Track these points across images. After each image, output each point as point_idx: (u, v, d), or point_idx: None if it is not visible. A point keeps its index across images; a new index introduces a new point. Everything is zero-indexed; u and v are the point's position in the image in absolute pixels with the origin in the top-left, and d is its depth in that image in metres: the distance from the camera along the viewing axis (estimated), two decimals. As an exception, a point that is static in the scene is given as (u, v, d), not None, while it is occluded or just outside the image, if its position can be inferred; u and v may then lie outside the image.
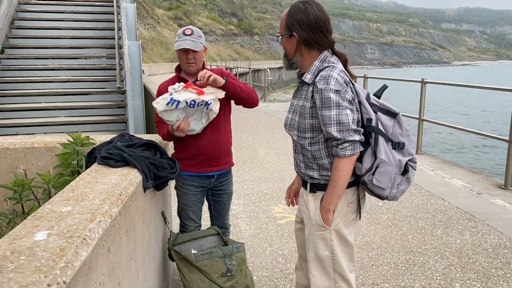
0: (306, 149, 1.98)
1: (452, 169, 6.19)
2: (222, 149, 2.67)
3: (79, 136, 2.35)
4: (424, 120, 7.12)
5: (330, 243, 1.97)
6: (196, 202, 2.72)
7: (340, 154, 1.83)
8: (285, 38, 1.97)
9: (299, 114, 1.96)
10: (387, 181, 1.87)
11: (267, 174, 5.84)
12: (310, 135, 1.94)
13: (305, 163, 2.02)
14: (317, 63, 1.93)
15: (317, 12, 1.89)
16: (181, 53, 2.53)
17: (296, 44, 1.93)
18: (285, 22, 1.94)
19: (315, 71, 1.91)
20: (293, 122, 2.01)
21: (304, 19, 1.88)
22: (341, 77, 1.84)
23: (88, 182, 1.81)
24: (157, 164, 2.15)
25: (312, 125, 1.92)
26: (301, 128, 1.96)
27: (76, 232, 1.28)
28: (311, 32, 1.88)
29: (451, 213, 4.40)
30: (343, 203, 1.95)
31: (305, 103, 1.93)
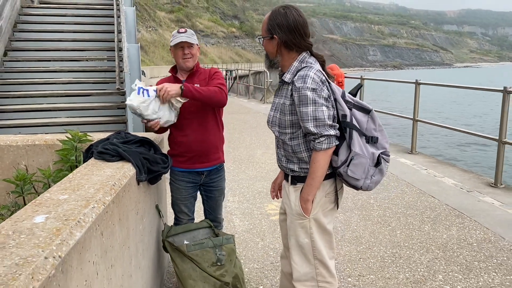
0: (286, 144, 2.13)
1: (445, 168, 6.31)
2: (210, 146, 2.79)
3: (77, 133, 2.50)
4: (418, 120, 7.25)
5: (310, 231, 2.11)
6: (188, 196, 2.85)
7: (317, 147, 1.97)
8: (266, 40, 2.13)
9: (280, 111, 2.11)
10: (361, 172, 2.01)
11: (263, 173, 5.98)
12: (290, 131, 2.09)
13: (286, 157, 2.17)
14: (296, 64, 2.08)
15: (296, 16, 2.04)
16: (177, 50, 2.68)
17: (277, 46, 2.08)
18: (266, 25, 2.10)
19: (294, 71, 2.07)
20: (274, 119, 2.17)
21: (284, 23, 2.03)
22: (317, 76, 1.99)
23: (84, 174, 1.95)
24: (150, 159, 2.29)
25: (291, 121, 2.07)
26: (281, 124, 2.11)
27: (71, 216, 1.42)
28: (290, 35, 2.04)
29: (440, 210, 4.53)
30: (321, 194, 2.09)
31: (285, 101, 2.08)
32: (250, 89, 19.46)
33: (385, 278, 3.13)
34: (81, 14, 8.42)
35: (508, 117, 5.35)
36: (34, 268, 1.08)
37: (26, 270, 1.06)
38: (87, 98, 6.30)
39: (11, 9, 7.36)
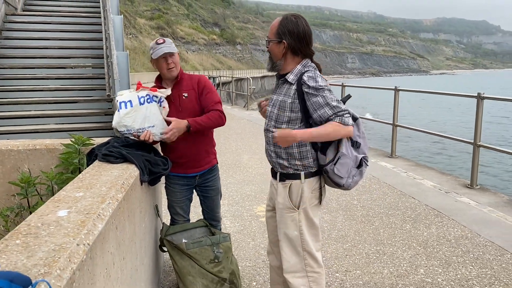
0: None
1: (424, 171, 6.58)
2: (200, 151, 2.88)
3: (81, 137, 2.61)
4: (398, 125, 7.53)
5: (299, 224, 2.29)
6: (183, 199, 2.97)
7: (345, 121, 2.15)
8: (273, 44, 2.31)
9: (279, 107, 2.30)
10: (345, 171, 2.21)
11: (250, 177, 6.13)
12: (285, 126, 2.27)
13: (276, 153, 2.35)
14: (299, 67, 2.29)
15: (305, 26, 2.27)
16: (161, 61, 2.73)
17: (283, 50, 2.27)
18: (276, 30, 2.28)
19: (297, 73, 2.27)
20: (272, 114, 2.35)
21: (295, 30, 2.24)
22: (321, 78, 2.23)
23: (93, 175, 2.08)
24: (152, 161, 2.43)
25: (289, 117, 2.26)
26: (279, 119, 2.30)
27: (91, 210, 1.55)
28: (299, 42, 2.25)
29: (420, 210, 4.76)
30: (308, 190, 2.28)
31: (285, 98, 2.27)
32: (233, 95, 19.63)
33: (371, 273, 3.32)
34: (66, 22, 8.46)
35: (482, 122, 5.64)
36: (70, 253, 1.21)
37: (63, 254, 1.19)
38: (75, 105, 6.36)
39: (-4, 16, 7.37)
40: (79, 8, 10.04)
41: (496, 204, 4.93)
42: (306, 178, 2.29)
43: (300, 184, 2.29)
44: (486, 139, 8.36)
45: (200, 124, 2.71)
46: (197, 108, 2.81)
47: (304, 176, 2.29)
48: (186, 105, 2.78)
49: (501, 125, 23.98)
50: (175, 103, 2.78)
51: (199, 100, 2.81)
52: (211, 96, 2.83)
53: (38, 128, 5.74)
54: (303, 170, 2.29)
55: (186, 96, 2.79)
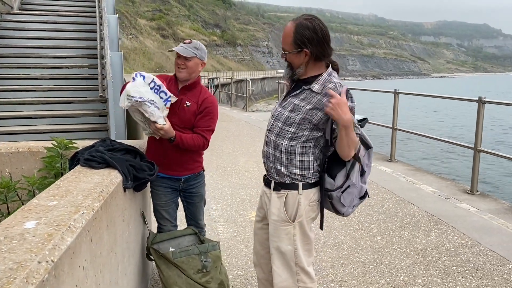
0: (282, 143, 2.14)
1: (423, 176, 6.46)
2: (184, 155, 2.76)
3: (63, 140, 2.50)
4: (397, 129, 7.41)
5: (293, 237, 2.16)
6: (168, 202, 2.86)
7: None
8: (293, 54, 2.12)
9: (291, 110, 2.13)
10: (349, 201, 2.12)
11: (246, 181, 6.02)
12: (294, 130, 2.12)
13: (276, 156, 2.18)
14: (325, 76, 2.12)
15: (323, 27, 2.09)
16: (176, 58, 2.70)
17: (306, 58, 2.10)
18: (292, 39, 2.08)
19: (323, 83, 2.10)
20: (280, 115, 2.18)
21: (314, 37, 2.05)
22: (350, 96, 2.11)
23: (72, 181, 1.96)
24: (137, 166, 2.32)
25: (301, 120, 2.09)
26: (287, 121, 2.13)
27: (62, 221, 1.44)
28: (321, 47, 2.08)
29: (419, 216, 4.64)
30: (305, 202, 2.14)
31: (303, 104, 2.10)
32: (232, 97, 19.52)
33: (367, 283, 3.20)
34: (62, 21, 8.37)
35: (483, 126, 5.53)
36: (28, 272, 1.10)
37: (20, 274, 1.08)
38: (69, 105, 6.25)
39: (-9, 15, 7.27)
40: (77, 7, 9.95)
41: (497, 211, 4.81)
42: (304, 189, 2.15)
43: (297, 195, 2.15)
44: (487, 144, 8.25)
45: (183, 143, 2.64)
46: (191, 121, 2.71)
47: (302, 187, 2.15)
48: (184, 113, 2.70)
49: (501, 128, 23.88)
50: (175, 105, 2.68)
51: (196, 115, 2.72)
52: (207, 120, 2.75)
53: (30, 129, 5.63)
54: (301, 180, 2.15)
55: (188, 106, 2.71)
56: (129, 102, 2.46)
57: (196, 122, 2.71)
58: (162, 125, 2.52)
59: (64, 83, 6.74)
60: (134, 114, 2.57)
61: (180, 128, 2.66)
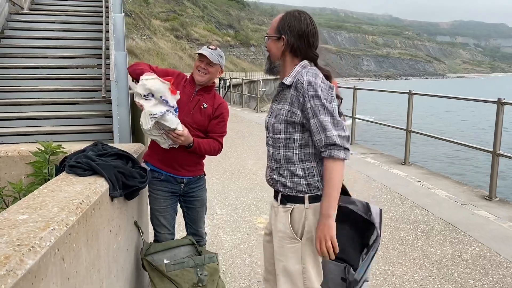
0: (279, 153, 1.99)
1: (439, 180, 6.20)
2: (189, 159, 2.67)
3: (50, 145, 2.35)
4: (412, 131, 7.15)
5: (302, 256, 1.96)
6: (167, 207, 2.72)
7: (335, 154, 1.83)
8: (272, 40, 2.02)
9: (275, 115, 1.99)
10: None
11: (253, 184, 5.83)
12: (284, 136, 1.96)
13: (278, 171, 2.02)
14: (298, 68, 1.97)
15: (309, 24, 1.96)
16: (198, 60, 2.62)
17: (282, 48, 1.98)
18: (276, 25, 2.00)
19: (295, 75, 1.94)
20: (269, 124, 2.04)
21: (296, 26, 1.94)
22: (325, 85, 1.91)
23: (52, 190, 1.81)
24: (126, 173, 2.15)
25: (285, 126, 1.95)
26: (275, 129, 1.99)
27: (25, 240, 1.27)
28: (299, 40, 1.94)
29: (434, 224, 4.41)
30: (314, 216, 1.94)
31: (283, 105, 1.96)
32: (244, 98, 19.35)
33: (377, 298, 2.99)
34: (70, 21, 8.28)
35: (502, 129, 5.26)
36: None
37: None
38: (73, 106, 6.13)
39: (-2, 15, 7.21)
40: (87, 7, 9.87)
41: (518, 219, 4.55)
42: (311, 202, 1.94)
43: (304, 209, 1.95)
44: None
45: (200, 149, 2.60)
46: (205, 124, 2.66)
47: (308, 199, 1.95)
48: (199, 114, 2.63)
49: None
50: (191, 104, 2.62)
51: (210, 119, 2.67)
52: (223, 126, 2.73)
53: (33, 131, 5.52)
54: (307, 191, 1.95)
55: (205, 107, 2.66)
56: (153, 120, 2.36)
57: (212, 127, 2.67)
58: (182, 131, 2.44)
59: (70, 83, 6.63)
60: (152, 132, 2.45)
61: (192, 129, 2.58)
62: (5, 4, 7.68)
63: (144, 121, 2.39)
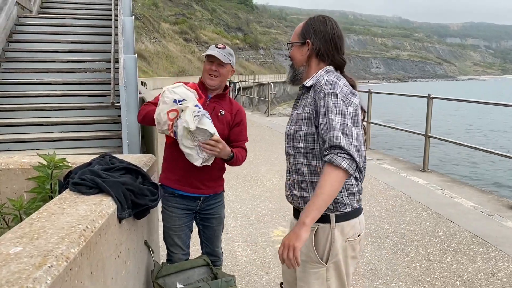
0: (301, 163, 1.78)
1: (461, 188, 5.92)
2: (211, 173, 2.46)
3: (53, 159, 2.14)
4: (431, 136, 6.88)
5: (327, 282, 1.73)
6: (182, 226, 2.50)
7: (336, 160, 1.58)
8: (296, 46, 1.87)
9: (296, 121, 1.81)
10: None
11: (267, 193, 5.60)
12: (304, 145, 1.76)
13: (300, 184, 1.80)
14: (321, 72, 1.80)
15: (335, 28, 1.83)
16: (207, 63, 2.41)
17: (308, 53, 1.82)
18: (300, 30, 1.86)
19: (318, 78, 1.78)
20: (289, 132, 1.85)
21: (322, 29, 1.82)
22: (347, 88, 1.72)
23: (52, 213, 1.59)
24: (136, 191, 1.94)
25: (306, 132, 1.75)
26: (296, 136, 1.79)
27: (16, 283, 1.06)
28: (326, 44, 1.80)
29: (461, 237, 4.14)
30: (341, 238, 1.72)
31: (304, 109, 1.78)
32: (254, 101, 19.15)
33: (408, 323, 2.75)
34: (79, 24, 8.14)
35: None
36: None
37: None
38: (82, 112, 5.97)
39: (6, 18, 7.08)
40: (96, 10, 9.74)
41: (551, 232, 4.27)
42: (338, 222, 1.72)
43: (329, 229, 1.73)
44: None
45: (237, 160, 2.40)
46: (225, 132, 2.44)
47: (335, 218, 1.72)
48: (217, 123, 2.39)
49: None
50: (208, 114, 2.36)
51: (231, 127, 2.47)
52: (245, 132, 2.56)
53: (40, 137, 5.37)
54: (334, 209, 1.72)
55: (223, 114, 2.44)
56: (197, 120, 2.14)
57: (235, 136, 2.49)
58: (219, 138, 2.21)
59: (78, 88, 6.48)
60: (182, 142, 2.20)
61: None
62: (13, 7, 7.56)
63: (188, 121, 2.13)
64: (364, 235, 1.85)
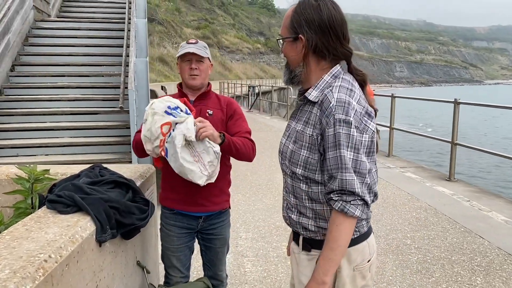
0: (300, 188, 1.51)
1: (490, 200, 5.53)
2: (213, 189, 2.20)
3: (34, 171, 1.93)
4: (458, 144, 6.49)
5: None
6: (181, 246, 2.27)
7: (349, 210, 1.34)
8: (288, 43, 1.51)
9: (294, 140, 1.50)
10: None
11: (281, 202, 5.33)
12: (302, 171, 1.47)
13: (298, 209, 1.54)
14: (328, 78, 1.46)
15: (332, 11, 1.43)
16: (183, 64, 2.19)
17: (303, 50, 1.46)
18: (289, 21, 1.49)
19: (323, 88, 1.45)
20: (285, 149, 1.54)
21: (316, 18, 1.42)
22: (361, 107, 1.41)
23: (16, 237, 1.38)
24: (121, 208, 1.71)
25: (307, 159, 1.45)
26: (293, 158, 1.49)
27: None
28: (323, 36, 1.43)
29: (492, 255, 3.79)
30: (348, 267, 1.46)
31: (304, 128, 1.46)
32: (274, 105, 18.91)
33: None
34: (95, 28, 8.06)
35: None
36: None
37: None
38: (93, 116, 5.84)
39: (22, 22, 7.04)
40: (114, 14, 9.69)
41: None
42: None
43: None
44: None
45: (233, 142, 2.09)
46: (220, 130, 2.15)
47: None
48: None
49: None
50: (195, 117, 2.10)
51: (225, 123, 2.23)
52: (243, 123, 2.28)
53: (50, 142, 5.26)
54: None
55: (211, 114, 2.20)
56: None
57: (233, 128, 2.24)
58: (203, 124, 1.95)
59: (91, 92, 6.37)
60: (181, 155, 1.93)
61: None
62: (30, 11, 7.53)
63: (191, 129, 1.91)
64: (375, 259, 1.58)
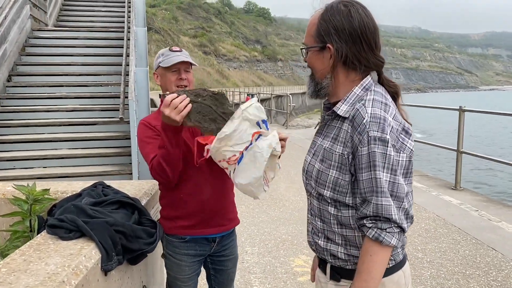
0: (328, 211, 1.37)
1: (499, 209, 5.40)
2: (228, 201, 2.06)
3: (33, 191, 1.80)
4: (463, 152, 6.38)
5: None
6: (192, 275, 2.05)
7: (385, 239, 1.21)
8: (313, 52, 1.37)
9: (322, 159, 1.35)
10: None
11: (287, 214, 5.20)
12: (331, 193, 1.34)
13: (325, 234, 1.40)
14: (358, 91, 1.33)
15: (364, 17, 1.30)
16: (169, 73, 1.96)
17: (331, 61, 1.33)
18: (315, 29, 1.35)
19: (354, 101, 1.31)
20: (311, 168, 1.40)
21: (346, 26, 1.29)
22: (398, 124, 1.28)
23: (13, 270, 1.24)
24: (127, 233, 1.57)
25: (337, 180, 1.31)
26: (321, 179, 1.35)
27: None
28: (354, 46, 1.30)
29: (508, 269, 3.65)
30: None
31: (333, 145, 1.32)
32: (272, 113, 18.82)
33: None
34: (94, 37, 7.94)
35: None
36: None
37: None
38: (92, 127, 5.70)
39: (19, 32, 6.92)
40: (112, 23, 9.59)
41: None
42: None
43: None
44: None
45: None
46: None
47: None
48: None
49: None
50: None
51: None
52: None
53: (48, 154, 5.11)
54: None
55: None
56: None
57: None
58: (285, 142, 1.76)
59: (89, 102, 6.23)
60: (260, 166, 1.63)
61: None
62: (27, 20, 7.42)
63: (276, 143, 1.63)
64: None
